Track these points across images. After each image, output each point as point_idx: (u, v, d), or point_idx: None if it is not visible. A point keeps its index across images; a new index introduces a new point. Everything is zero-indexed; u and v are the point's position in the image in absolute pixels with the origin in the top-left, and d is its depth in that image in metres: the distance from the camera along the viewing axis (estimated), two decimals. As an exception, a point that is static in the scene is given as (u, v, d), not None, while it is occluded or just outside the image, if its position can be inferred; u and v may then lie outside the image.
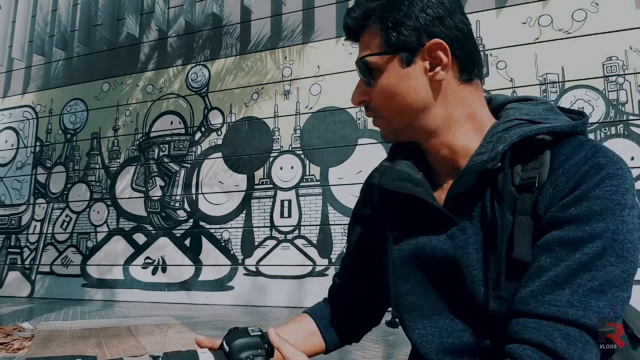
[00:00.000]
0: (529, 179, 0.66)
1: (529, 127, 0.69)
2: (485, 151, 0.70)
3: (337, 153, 6.47)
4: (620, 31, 5.35)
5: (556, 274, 0.60)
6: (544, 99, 0.82)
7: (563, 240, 0.61)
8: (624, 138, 5.24)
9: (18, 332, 4.23)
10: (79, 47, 8.50)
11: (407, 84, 0.74)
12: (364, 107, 0.79)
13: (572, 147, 0.66)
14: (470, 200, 0.72)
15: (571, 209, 0.61)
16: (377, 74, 0.75)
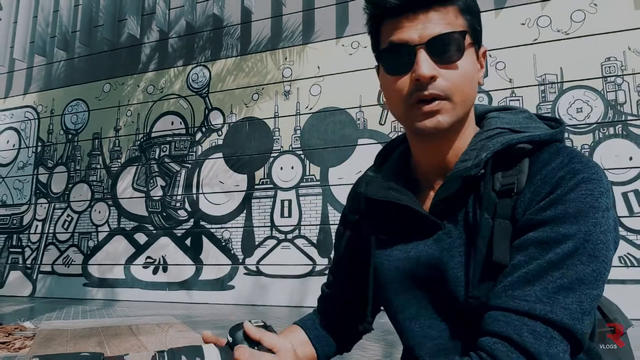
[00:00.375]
0: (508, 185, 0.69)
1: (511, 136, 0.72)
2: (469, 158, 0.73)
3: (337, 153, 6.49)
4: (619, 32, 5.36)
5: (527, 270, 0.62)
6: (523, 108, 0.83)
7: (537, 241, 0.63)
8: (623, 138, 5.26)
9: (20, 332, 4.26)
10: (80, 47, 8.52)
11: (476, 75, 0.75)
12: (420, 85, 0.70)
13: (549, 154, 0.70)
14: (455, 205, 0.74)
15: (547, 212, 0.64)
16: (459, 54, 0.71)
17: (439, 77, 0.70)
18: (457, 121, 0.73)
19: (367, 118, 6.39)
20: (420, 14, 0.70)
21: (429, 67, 0.69)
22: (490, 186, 0.71)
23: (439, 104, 0.70)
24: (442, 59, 0.70)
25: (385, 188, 0.79)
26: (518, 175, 0.70)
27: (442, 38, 0.69)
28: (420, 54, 0.69)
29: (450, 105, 0.71)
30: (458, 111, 0.72)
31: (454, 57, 0.70)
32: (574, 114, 5.47)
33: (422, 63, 0.69)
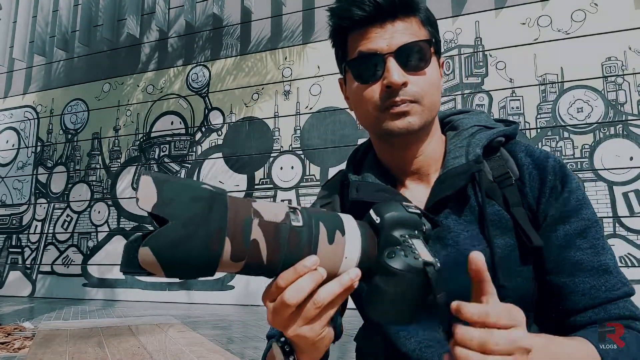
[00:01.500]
0: (503, 175, 0.77)
1: (489, 131, 0.80)
2: (460, 155, 0.78)
3: (337, 153, 6.48)
4: (620, 32, 5.36)
5: (594, 264, 0.72)
6: (478, 109, 0.93)
7: (576, 232, 0.74)
8: (623, 138, 5.25)
9: (19, 332, 4.25)
10: (79, 47, 8.51)
11: (440, 83, 0.80)
12: (392, 92, 0.73)
13: (525, 146, 0.80)
14: (449, 201, 0.77)
15: (570, 203, 0.74)
16: (426, 62, 0.75)
17: (409, 84, 0.73)
18: (425, 124, 0.76)
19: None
20: (387, 24, 0.74)
21: (399, 75, 0.73)
22: (490, 179, 0.77)
23: (409, 106, 0.74)
24: (410, 66, 0.74)
25: (377, 190, 0.80)
26: (506, 163, 0.78)
27: (410, 47, 0.73)
28: (389, 62, 0.73)
29: (420, 108, 0.74)
30: (426, 115, 0.75)
31: (422, 65, 0.75)
32: (575, 113, 5.47)
33: (392, 71, 0.72)
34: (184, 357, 1.52)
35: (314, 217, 0.51)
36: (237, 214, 0.47)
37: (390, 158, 0.83)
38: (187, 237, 0.44)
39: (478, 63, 5.96)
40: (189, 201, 0.45)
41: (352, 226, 0.53)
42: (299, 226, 0.49)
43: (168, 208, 0.44)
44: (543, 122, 5.57)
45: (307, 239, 0.49)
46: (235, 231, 0.46)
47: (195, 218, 0.44)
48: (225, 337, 4.22)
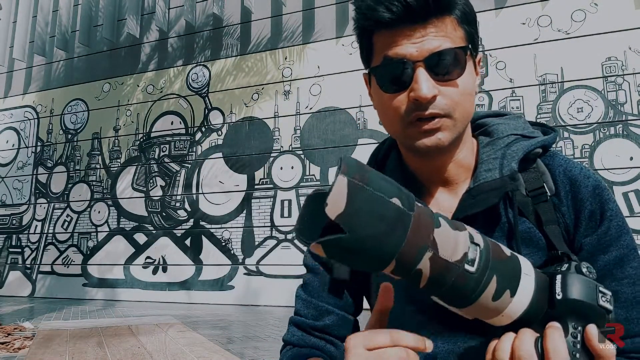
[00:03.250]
0: (538, 189, 0.71)
1: (527, 142, 0.73)
2: (493, 167, 0.71)
3: (337, 153, 6.48)
4: (620, 32, 5.36)
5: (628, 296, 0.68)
6: (517, 113, 0.86)
7: (614, 262, 0.69)
8: (623, 138, 5.25)
9: (19, 332, 4.25)
10: (79, 47, 8.51)
11: (475, 89, 0.72)
12: (420, 105, 0.66)
13: (564, 160, 0.74)
14: (479, 216, 0.71)
15: (610, 232, 0.69)
16: (460, 71, 0.67)
17: (439, 95, 0.66)
18: (459, 137, 0.71)
19: (367, 118, 6.39)
20: (417, 27, 0.66)
21: (429, 87, 0.65)
22: (524, 193, 0.71)
23: (439, 122, 0.67)
24: (443, 75, 0.66)
25: None
26: (542, 177, 0.72)
27: (443, 54, 0.66)
28: (419, 71, 0.65)
29: (451, 122, 0.68)
30: (458, 127, 0.69)
31: (455, 74, 0.67)
32: (575, 113, 5.47)
33: (422, 82, 0.65)
34: (184, 357, 1.52)
35: (490, 266, 0.48)
36: (415, 239, 0.45)
37: (417, 166, 0.77)
38: (358, 250, 0.44)
39: (478, 63, 5.96)
40: (374, 218, 0.43)
41: (526, 287, 0.49)
42: (471, 272, 0.47)
43: (351, 221, 0.43)
44: (543, 122, 5.56)
45: (472, 288, 0.47)
46: (404, 256, 0.45)
47: (373, 237, 0.44)
48: (225, 337, 4.21)
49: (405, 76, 0.66)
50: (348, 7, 6.69)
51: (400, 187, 0.47)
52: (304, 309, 0.82)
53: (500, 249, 0.50)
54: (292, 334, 0.82)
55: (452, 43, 0.66)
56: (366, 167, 0.46)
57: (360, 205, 0.43)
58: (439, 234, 0.46)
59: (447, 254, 0.46)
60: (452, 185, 0.75)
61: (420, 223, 0.45)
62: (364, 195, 0.43)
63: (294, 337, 0.81)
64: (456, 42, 0.67)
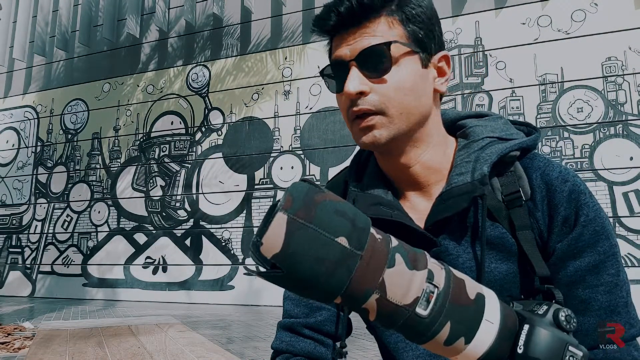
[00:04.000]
0: (513, 194, 0.70)
1: (502, 144, 0.72)
2: (466, 171, 0.71)
3: (337, 153, 6.48)
4: (620, 32, 5.36)
5: (602, 304, 0.67)
6: (497, 113, 0.82)
7: (588, 268, 0.67)
8: (623, 138, 5.25)
9: (19, 332, 4.25)
10: (79, 47, 8.51)
11: (423, 85, 0.71)
12: (352, 101, 0.69)
13: (543, 163, 0.72)
14: (451, 220, 0.71)
15: (583, 237, 0.67)
16: (387, 66, 0.68)
17: (370, 92, 0.68)
18: (399, 135, 0.70)
19: (367, 118, 6.39)
20: (352, 30, 0.69)
21: (355, 84, 0.67)
22: (499, 198, 0.70)
23: (373, 119, 0.69)
24: (373, 72, 0.68)
25: (374, 203, 0.74)
26: (518, 181, 0.71)
27: (369, 51, 0.67)
28: (352, 70, 0.68)
29: (386, 120, 0.68)
30: (397, 125, 0.69)
31: (383, 70, 0.68)
32: (575, 113, 5.47)
33: (349, 79, 0.68)
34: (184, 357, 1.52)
35: (446, 311, 0.44)
36: (360, 281, 0.42)
37: (384, 165, 0.78)
38: (299, 287, 0.43)
39: (478, 63, 5.96)
40: (312, 261, 0.41)
41: (485, 336, 0.45)
42: (422, 317, 0.43)
43: (287, 262, 0.41)
44: (543, 122, 5.57)
45: (422, 331, 0.44)
46: (349, 295, 0.43)
47: (312, 278, 0.41)
48: (225, 337, 4.22)
49: (343, 76, 0.69)
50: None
51: (355, 220, 0.44)
52: (294, 309, 0.82)
53: (464, 292, 0.45)
54: (280, 340, 0.81)
55: (380, 41, 0.68)
56: (317, 197, 0.43)
57: (298, 247, 0.41)
58: (390, 275, 0.43)
59: (397, 297, 0.43)
60: (425, 188, 0.75)
61: (369, 264, 0.42)
62: (304, 235, 0.41)
63: (283, 344, 0.80)
64: (386, 40, 0.68)
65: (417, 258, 0.45)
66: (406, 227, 0.70)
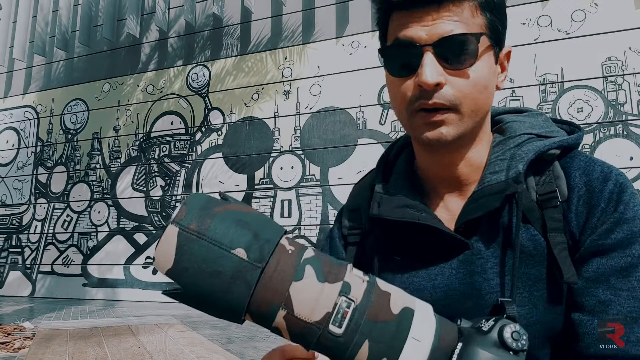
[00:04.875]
0: (548, 193, 0.65)
1: (541, 142, 0.68)
2: (500, 169, 0.67)
3: (337, 153, 6.48)
4: (620, 32, 5.36)
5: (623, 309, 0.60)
6: (537, 110, 0.76)
7: (615, 269, 0.61)
8: (623, 138, 5.25)
9: (19, 332, 4.25)
10: (79, 47, 8.51)
11: (493, 82, 0.66)
12: (424, 92, 0.62)
13: (584, 162, 0.67)
14: (483, 221, 0.67)
15: (614, 234, 0.61)
16: (472, 59, 0.62)
17: (445, 85, 0.61)
18: (465, 133, 0.65)
19: (367, 118, 6.39)
20: (431, 9, 0.61)
21: (433, 73, 0.60)
22: (532, 198, 0.66)
23: (444, 115, 0.63)
24: (452, 63, 0.61)
25: (400, 206, 0.70)
26: (555, 181, 0.66)
27: (453, 39, 0.61)
28: (426, 56, 0.61)
29: (457, 117, 0.63)
30: (466, 122, 0.64)
31: (466, 63, 0.62)
32: (575, 113, 5.47)
33: (426, 67, 0.60)
34: (184, 357, 1.52)
35: (362, 329, 0.39)
36: (264, 295, 0.39)
37: (426, 162, 0.73)
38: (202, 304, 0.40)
39: (478, 63, 5.96)
40: (206, 275, 0.38)
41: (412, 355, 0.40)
42: (336, 335, 0.39)
43: (181, 278, 0.39)
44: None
45: (339, 352, 0.40)
46: (256, 312, 0.40)
47: (210, 294, 0.39)
48: (225, 337, 4.21)
49: (412, 60, 0.62)
50: (348, 7, 6.69)
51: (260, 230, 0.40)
52: None
53: (386, 306, 0.41)
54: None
55: (466, 29, 0.61)
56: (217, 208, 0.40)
57: (191, 261, 0.38)
58: (297, 289, 0.39)
59: (304, 313, 0.39)
60: (462, 186, 0.71)
61: (273, 277, 0.39)
62: (197, 248, 0.38)
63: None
64: (472, 29, 0.62)
65: (333, 270, 0.41)
66: (435, 229, 0.67)
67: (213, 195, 0.43)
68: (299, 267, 0.40)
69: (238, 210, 0.41)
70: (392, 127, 6.23)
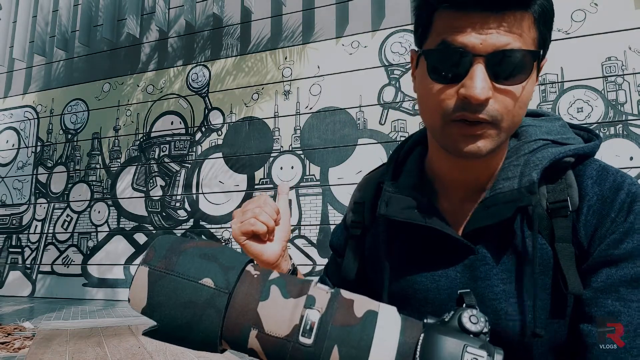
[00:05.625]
0: (559, 202, 0.63)
1: (556, 149, 0.65)
2: (513, 176, 0.65)
3: (337, 153, 6.48)
4: (620, 31, 5.36)
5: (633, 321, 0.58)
6: (555, 114, 0.75)
7: (625, 280, 0.59)
8: (623, 138, 5.25)
9: (19, 332, 4.25)
10: (79, 47, 8.51)
11: (531, 96, 0.63)
12: (468, 104, 0.58)
13: (597, 171, 0.65)
14: (492, 227, 0.66)
15: (624, 244, 0.60)
16: (523, 77, 0.59)
17: (491, 99, 0.58)
18: (497, 147, 0.63)
19: (367, 118, 6.39)
20: (489, 16, 0.56)
21: (485, 88, 0.56)
22: (543, 205, 0.64)
23: (484, 129, 0.60)
24: (503, 78, 0.58)
25: (408, 207, 0.69)
26: (567, 190, 0.64)
27: (510, 54, 0.56)
28: (477, 67, 0.57)
29: (495, 132, 0.60)
30: (502, 137, 0.62)
31: (517, 80, 0.58)
32: (575, 113, 5.47)
33: (477, 80, 0.56)
34: (184, 357, 1.52)
35: (329, 334, 0.42)
36: (235, 318, 0.42)
37: (445, 165, 0.71)
38: (179, 338, 0.43)
39: (478, 63, 5.96)
40: (179, 307, 0.41)
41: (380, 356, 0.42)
42: (307, 346, 0.42)
43: (156, 314, 0.41)
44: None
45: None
46: (230, 337, 0.42)
47: (185, 325, 0.41)
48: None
49: (460, 68, 0.58)
50: (348, 7, 6.69)
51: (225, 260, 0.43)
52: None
53: (350, 312, 0.43)
54: None
55: (523, 44, 0.57)
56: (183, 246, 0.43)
57: (163, 296, 0.41)
58: (264, 307, 0.42)
59: (275, 329, 0.42)
60: (475, 191, 0.69)
61: (241, 301, 0.42)
62: (167, 283, 0.42)
63: None
64: (527, 44, 0.58)
65: (297, 286, 0.44)
66: (442, 232, 0.66)
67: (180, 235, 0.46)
68: (265, 288, 0.44)
69: (203, 246, 0.45)
70: (392, 127, 6.23)
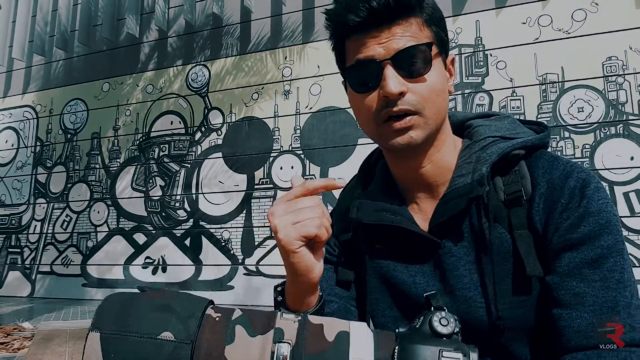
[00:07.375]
0: (514, 193, 0.69)
1: (504, 143, 0.71)
2: (467, 172, 0.71)
3: (337, 153, 6.47)
4: (620, 31, 5.36)
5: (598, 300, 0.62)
6: (505, 113, 0.86)
7: (586, 261, 0.64)
8: (624, 138, 5.25)
9: (18, 332, 4.24)
10: (79, 47, 8.50)
11: (446, 86, 0.73)
12: (389, 101, 0.68)
13: (547, 160, 0.70)
14: (454, 221, 0.71)
15: (580, 228, 0.64)
16: (427, 67, 0.68)
17: (408, 92, 0.68)
18: (430, 135, 0.71)
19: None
20: (384, 29, 0.68)
21: (396, 83, 0.67)
22: (499, 198, 0.70)
23: (411, 120, 0.68)
24: (410, 73, 0.68)
25: (377, 210, 0.75)
26: (521, 180, 0.69)
27: (408, 51, 0.67)
28: (387, 69, 0.67)
29: (422, 120, 0.69)
30: (430, 125, 0.70)
31: (422, 70, 0.68)
32: (575, 113, 5.46)
33: (389, 79, 0.67)
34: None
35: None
36: None
37: (397, 169, 0.78)
38: None
39: (478, 63, 5.95)
40: None
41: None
42: None
43: None
44: (544, 121, 5.55)
45: None
46: None
47: None
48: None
49: (374, 76, 0.68)
50: (348, 6, 6.68)
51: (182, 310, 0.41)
52: None
53: (321, 336, 0.44)
54: None
55: (417, 42, 0.68)
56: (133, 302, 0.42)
57: (120, 358, 0.39)
58: (231, 351, 0.42)
59: None
60: (434, 189, 0.75)
61: (205, 348, 0.41)
62: (123, 347, 0.40)
63: None
64: (421, 41, 0.68)
65: (263, 321, 0.44)
66: (410, 230, 0.72)
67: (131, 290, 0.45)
68: (229, 330, 0.42)
69: (156, 298, 0.43)
70: (392, 126, 6.22)
